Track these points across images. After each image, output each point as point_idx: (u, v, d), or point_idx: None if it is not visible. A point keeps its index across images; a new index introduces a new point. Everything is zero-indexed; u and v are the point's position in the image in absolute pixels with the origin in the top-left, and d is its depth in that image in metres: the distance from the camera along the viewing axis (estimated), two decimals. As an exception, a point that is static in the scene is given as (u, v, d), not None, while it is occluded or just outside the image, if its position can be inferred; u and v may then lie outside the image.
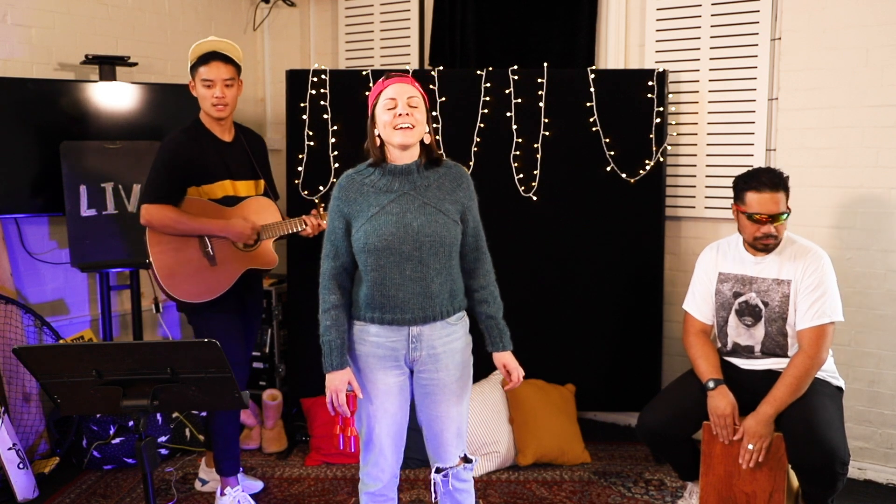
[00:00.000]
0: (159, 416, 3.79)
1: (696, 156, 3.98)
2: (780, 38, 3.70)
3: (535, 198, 3.93)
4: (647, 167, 3.89)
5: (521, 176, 3.94)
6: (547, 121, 3.91)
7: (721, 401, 2.91)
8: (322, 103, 4.01)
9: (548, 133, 3.92)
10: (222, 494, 3.27)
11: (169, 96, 4.10)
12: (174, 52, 4.50)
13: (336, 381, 2.42)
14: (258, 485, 3.52)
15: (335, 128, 4.01)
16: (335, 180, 4.01)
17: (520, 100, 3.92)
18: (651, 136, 3.89)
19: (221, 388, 2.22)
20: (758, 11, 3.74)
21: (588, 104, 3.90)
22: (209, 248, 3.13)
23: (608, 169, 3.91)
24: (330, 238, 2.46)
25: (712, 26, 3.86)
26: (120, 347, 2.20)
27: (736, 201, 2.97)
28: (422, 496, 3.44)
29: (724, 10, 3.82)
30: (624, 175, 3.91)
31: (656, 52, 4.00)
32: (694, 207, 4.01)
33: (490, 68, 3.96)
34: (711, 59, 3.88)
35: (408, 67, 4.21)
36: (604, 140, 3.90)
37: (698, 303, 3.14)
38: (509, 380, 2.54)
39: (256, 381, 4.36)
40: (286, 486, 3.56)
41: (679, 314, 3.79)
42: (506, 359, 2.52)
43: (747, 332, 3.04)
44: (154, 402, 2.18)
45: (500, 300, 2.53)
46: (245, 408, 2.38)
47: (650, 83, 3.87)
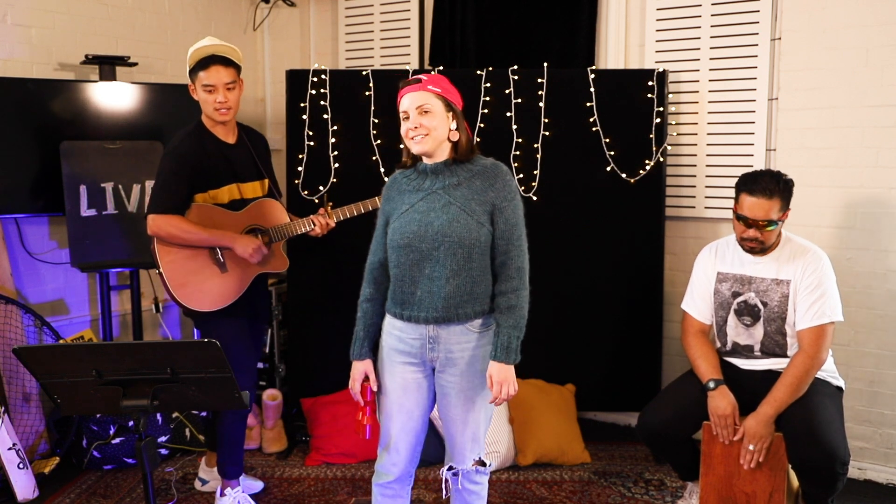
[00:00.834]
0: (159, 416, 3.79)
1: (696, 156, 3.98)
2: (780, 38, 3.70)
3: (535, 198, 3.93)
4: (647, 167, 3.89)
5: (521, 176, 3.93)
6: (547, 121, 3.91)
7: (721, 401, 2.91)
8: (322, 103, 4.01)
9: (548, 133, 3.92)
10: (222, 495, 3.27)
11: (169, 96, 4.10)
12: (174, 52, 4.50)
13: (354, 370, 2.53)
14: (258, 485, 3.52)
15: (335, 128, 4.01)
16: (335, 180, 4.02)
17: (520, 100, 3.92)
18: (651, 136, 3.89)
19: (221, 388, 2.22)
20: (758, 11, 3.74)
21: (588, 104, 3.90)
22: (219, 255, 3.11)
23: (608, 169, 3.91)
24: (374, 234, 2.56)
25: (712, 26, 3.86)
26: (120, 347, 2.20)
27: (735, 198, 2.98)
28: (422, 496, 3.44)
29: (724, 10, 3.82)
30: (624, 175, 3.91)
31: (656, 52, 4.00)
32: (694, 207, 4.01)
33: (490, 68, 3.96)
34: (711, 59, 3.88)
35: (408, 67, 4.21)
36: (604, 140, 3.90)
37: (697, 302, 3.15)
38: (490, 390, 2.39)
39: (256, 381, 4.35)
40: (286, 486, 3.56)
41: (679, 314, 3.79)
42: (495, 369, 2.37)
43: (746, 332, 3.04)
44: (154, 402, 2.18)
45: (518, 311, 2.38)
46: (246, 408, 2.38)
47: (650, 83, 3.87)
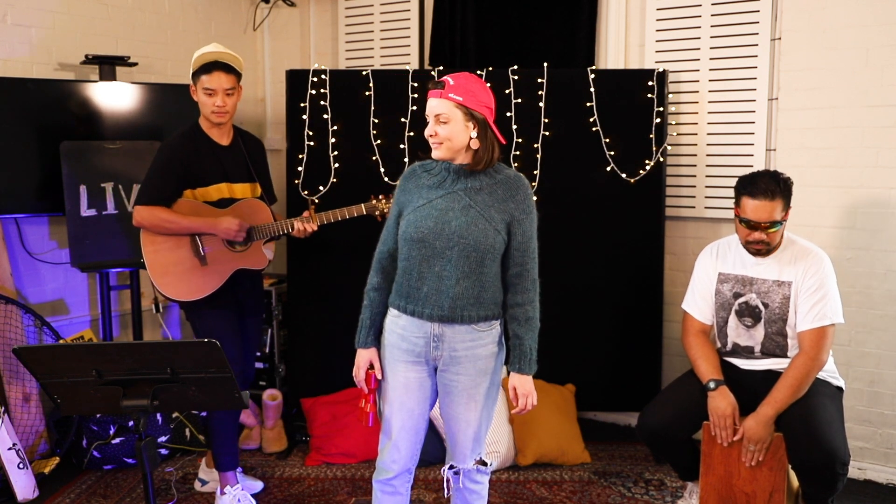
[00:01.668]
0: (159, 416, 3.79)
1: (696, 156, 3.98)
2: (780, 38, 3.70)
3: (535, 198, 3.92)
4: (647, 167, 3.89)
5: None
6: (547, 121, 3.91)
7: (722, 401, 2.91)
8: (322, 103, 4.01)
9: (548, 133, 3.92)
10: (222, 493, 3.27)
11: (169, 96, 4.10)
12: (174, 52, 4.51)
13: (360, 357, 2.54)
14: (258, 485, 3.52)
15: (335, 128, 4.01)
16: (335, 180, 4.02)
17: (520, 100, 3.92)
18: (651, 136, 3.89)
19: (221, 388, 2.22)
20: (758, 11, 3.74)
21: (588, 104, 3.90)
22: (201, 249, 3.21)
23: (608, 169, 3.91)
24: (386, 224, 2.55)
25: (712, 26, 3.86)
26: (120, 347, 2.20)
27: (735, 202, 2.97)
28: (422, 496, 3.44)
29: (724, 10, 3.82)
30: (624, 175, 3.91)
31: (656, 52, 4.00)
32: (694, 207, 4.01)
33: (490, 68, 3.96)
34: (711, 59, 3.88)
35: (408, 67, 4.21)
36: (604, 140, 3.90)
37: (698, 303, 3.14)
38: (515, 403, 2.47)
39: (256, 381, 4.36)
40: (286, 486, 3.56)
41: (679, 314, 3.79)
42: (518, 381, 2.45)
43: (747, 333, 3.04)
44: (154, 402, 2.18)
45: (535, 322, 2.47)
46: (245, 408, 2.38)
47: (650, 83, 3.87)
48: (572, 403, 3.92)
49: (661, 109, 3.87)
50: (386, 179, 3.97)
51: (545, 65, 3.92)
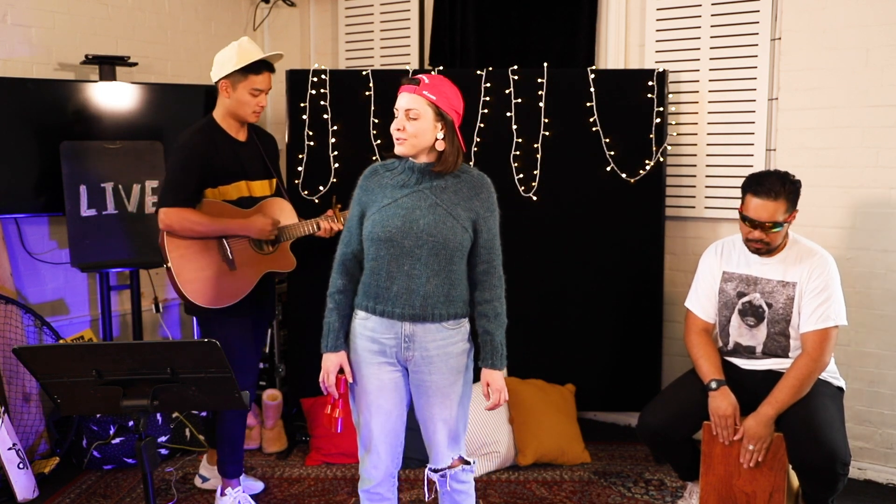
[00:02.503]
0: (159, 416, 3.79)
1: (696, 156, 3.98)
2: (780, 38, 3.70)
3: (535, 198, 3.93)
4: (647, 167, 3.89)
5: (521, 176, 3.93)
6: (547, 121, 3.91)
7: (723, 401, 2.91)
8: (322, 103, 4.01)
9: (548, 133, 3.92)
10: (223, 494, 3.27)
11: (169, 96, 4.10)
12: (174, 52, 4.51)
13: (328, 362, 2.50)
14: (258, 485, 3.52)
15: (335, 128, 4.01)
16: (335, 180, 4.02)
17: (520, 100, 3.92)
18: (651, 136, 3.89)
19: (221, 388, 2.22)
20: (758, 11, 3.74)
21: (588, 104, 3.89)
22: (228, 252, 3.09)
23: (608, 169, 3.91)
24: (347, 225, 2.53)
25: (712, 26, 3.86)
26: (120, 347, 2.20)
27: (741, 198, 2.97)
28: (422, 496, 3.44)
29: (724, 10, 3.82)
30: (624, 175, 3.91)
31: (656, 52, 4.00)
32: (694, 207, 4.01)
33: (490, 68, 3.96)
34: (711, 59, 3.88)
35: (408, 67, 4.21)
36: (604, 140, 3.90)
37: (701, 301, 3.14)
38: (487, 399, 2.46)
39: (257, 380, 4.35)
40: (286, 486, 3.56)
41: (679, 314, 3.79)
42: (491, 377, 2.45)
43: (749, 333, 3.04)
44: (154, 402, 2.18)
45: (503, 318, 2.47)
46: (246, 409, 2.38)
47: (650, 83, 3.87)
48: (572, 403, 3.91)
49: (661, 109, 3.87)
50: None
51: (545, 65, 3.92)
